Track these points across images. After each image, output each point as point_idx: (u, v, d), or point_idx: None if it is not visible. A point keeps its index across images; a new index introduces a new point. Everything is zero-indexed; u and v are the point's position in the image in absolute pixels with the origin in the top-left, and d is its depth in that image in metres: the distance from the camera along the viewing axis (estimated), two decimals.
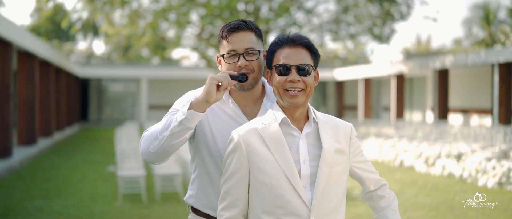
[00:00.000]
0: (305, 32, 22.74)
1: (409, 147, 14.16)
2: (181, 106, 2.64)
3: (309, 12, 21.63)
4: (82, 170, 13.31)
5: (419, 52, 40.85)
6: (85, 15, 21.95)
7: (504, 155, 12.24)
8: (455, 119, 23.23)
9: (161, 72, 33.15)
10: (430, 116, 24.78)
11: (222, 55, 2.65)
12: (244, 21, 2.63)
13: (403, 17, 22.39)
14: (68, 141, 21.97)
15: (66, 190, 10.49)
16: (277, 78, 2.45)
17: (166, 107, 33.81)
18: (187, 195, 2.81)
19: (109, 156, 16.02)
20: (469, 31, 42.54)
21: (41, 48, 17.87)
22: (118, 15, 21.37)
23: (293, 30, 2.50)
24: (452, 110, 23.34)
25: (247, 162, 2.40)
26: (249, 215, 2.46)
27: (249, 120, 2.63)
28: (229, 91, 2.71)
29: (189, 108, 2.42)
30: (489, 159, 11.14)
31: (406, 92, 27.01)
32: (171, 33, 22.16)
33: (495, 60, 17.78)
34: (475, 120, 22.10)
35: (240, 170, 2.41)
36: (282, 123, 2.45)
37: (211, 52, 23.58)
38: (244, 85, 2.61)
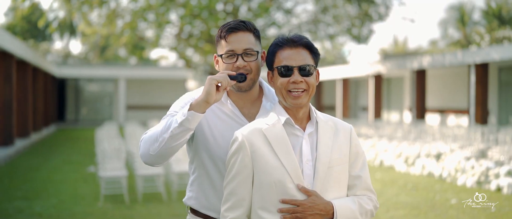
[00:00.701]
0: (284, 32, 22.79)
1: (389, 147, 14.28)
2: (179, 108, 2.64)
3: (288, 12, 21.68)
4: (62, 170, 13.18)
5: (396, 53, 41.21)
6: (61, 14, 21.77)
7: (482, 154, 12.42)
8: (432, 118, 23.47)
9: (139, 72, 32.99)
10: (407, 116, 25.00)
11: (220, 55, 2.65)
12: (243, 22, 2.63)
13: (381, 17, 22.58)
14: (46, 141, 21.74)
15: (46, 191, 10.39)
16: (279, 80, 2.46)
17: (144, 107, 33.66)
18: (186, 197, 2.81)
19: (89, 156, 15.89)
20: (445, 32, 43.04)
21: (18, 47, 17.67)
22: (96, 15, 21.19)
23: (292, 31, 2.51)
24: (430, 110, 23.58)
25: (251, 162, 2.41)
26: (251, 213, 2.47)
27: (247, 121, 2.64)
28: (227, 92, 2.71)
29: (189, 109, 2.42)
30: (468, 158, 11.28)
31: (384, 93, 27.22)
32: (150, 33, 22.04)
33: (472, 61, 18.00)
34: (451, 119, 22.35)
35: (244, 170, 2.42)
36: (285, 124, 2.46)
37: (190, 52, 23.53)
38: (242, 86, 2.61)
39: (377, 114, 23.39)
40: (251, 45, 2.62)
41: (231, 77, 2.51)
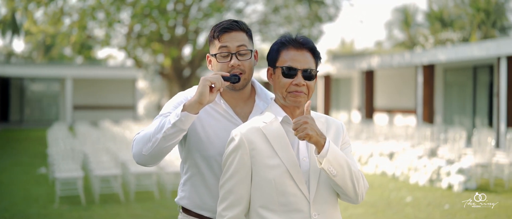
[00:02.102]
0: None
1: None
2: (171, 108, 2.64)
3: (239, 12, 21.74)
4: (10, 172, 12.83)
5: (344, 54, 41.86)
6: (3, 11, 21.18)
7: (432, 153, 12.76)
8: (380, 118, 23.93)
9: (87, 72, 32.33)
10: (356, 116, 25.41)
11: (214, 55, 2.65)
12: (236, 22, 2.65)
13: (331, 19, 22.90)
14: None
15: None
16: (282, 80, 2.47)
17: (92, 108, 33.07)
18: (178, 197, 2.80)
19: (38, 157, 15.51)
20: (390, 33, 43.95)
21: None
22: (41, 13, 20.72)
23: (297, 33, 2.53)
24: (378, 110, 24.03)
25: (250, 160, 2.42)
26: (249, 211, 2.48)
27: (241, 120, 2.66)
28: (220, 92, 2.72)
29: (182, 110, 2.42)
30: (420, 157, 11.56)
31: (333, 93, 27.58)
32: (99, 32, 21.69)
33: (419, 62, 18.46)
34: (399, 119, 22.84)
35: (243, 169, 2.42)
36: (282, 122, 2.49)
37: (139, 52, 23.29)
38: (236, 86, 2.63)
39: (327, 114, 23.67)
40: (245, 44, 2.63)
41: (225, 78, 2.52)
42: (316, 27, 23.23)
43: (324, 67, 24.09)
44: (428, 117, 18.27)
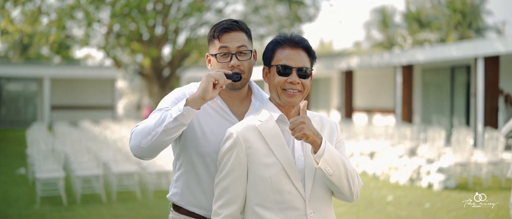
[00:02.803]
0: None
1: None
2: (170, 103, 2.65)
3: (219, 11, 21.73)
4: None
5: (323, 54, 42.03)
6: None
7: (412, 152, 12.89)
8: (359, 118, 24.09)
9: (65, 71, 31.97)
10: (335, 116, 25.54)
11: (214, 55, 2.66)
12: (236, 22, 2.66)
13: (310, 19, 22.99)
14: None
15: None
16: (277, 78, 2.50)
17: (71, 108, 32.76)
18: (170, 193, 2.81)
19: (17, 158, 15.34)
20: (369, 34, 44.27)
21: None
22: (19, 12, 20.45)
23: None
24: (357, 110, 24.19)
25: (246, 158, 2.44)
26: (245, 210, 2.50)
27: (237, 119, 2.67)
28: None
29: (185, 105, 2.43)
30: (400, 156, 11.68)
31: (312, 93, 27.70)
32: (78, 31, 21.49)
33: (398, 62, 18.63)
34: (378, 119, 23.02)
35: (239, 167, 2.44)
36: (278, 120, 2.51)
37: (118, 51, 23.15)
38: (236, 84, 2.65)
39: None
40: (245, 45, 2.65)
41: (227, 76, 2.55)
42: (295, 27, 23.29)
43: None
44: (407, 117, 18.46)
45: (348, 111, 21.76)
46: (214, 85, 2.48)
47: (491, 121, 15.35)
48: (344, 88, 22.24)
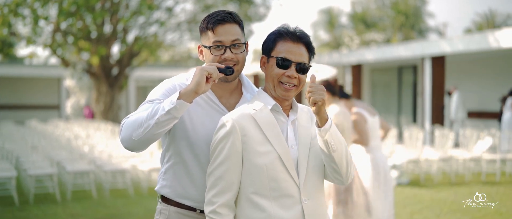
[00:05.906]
0: (165, 30, 22.65)
1: None
2: (161, 95, 2.62)
3: (169, 10, 21.57)
4: None
5: None
6: None
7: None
8: None
9: (8, 70, 31.00)
10: None
11: (209, 47, 2.63)
12: (229, 13, 2.64)
13: (260, 18, 23.09)
14: None
15: None
16: (275, 69, 2.51)
17: (15, 107, 31.88)
18: (159, 185, 2.78)
19: None
20: (316, 34, 44.78)
21: None
22: None
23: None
24: None
25: (241, 146, 2.44)
26: (239, 198, 2.50)
27: (227, 110, 2.67)
28: None
29: (178, 98, 2.41)
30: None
31: None
32: (24, 29, 20.92)
33: (347, 61, 18.93)
34: None
35: (234, 155, 2.44)
36: (272, 109, 2.52)
37: (66, 50, 22.66)
38: (229, 77, 2.64)
39: None
40: (239, 37, 2.64)
41: (220, 70, 2.53)
42: (246, 26, 23.34)
43: (252, 67, 24.26)
44: None
45: None
46: (207, 79, 2.47)
47: (438, 119, 15.80)
48: None
